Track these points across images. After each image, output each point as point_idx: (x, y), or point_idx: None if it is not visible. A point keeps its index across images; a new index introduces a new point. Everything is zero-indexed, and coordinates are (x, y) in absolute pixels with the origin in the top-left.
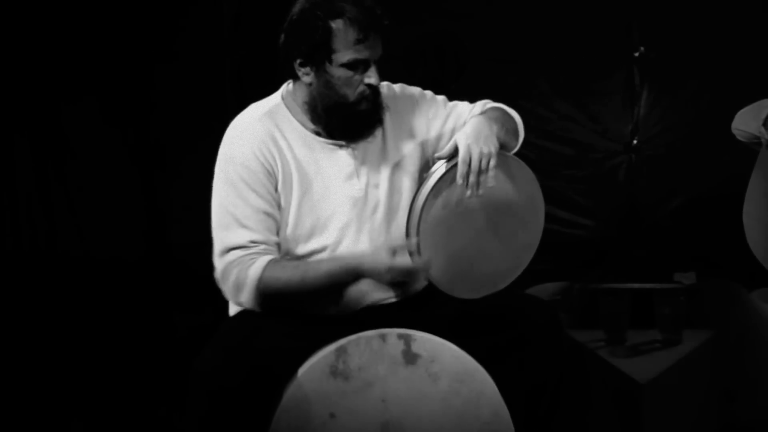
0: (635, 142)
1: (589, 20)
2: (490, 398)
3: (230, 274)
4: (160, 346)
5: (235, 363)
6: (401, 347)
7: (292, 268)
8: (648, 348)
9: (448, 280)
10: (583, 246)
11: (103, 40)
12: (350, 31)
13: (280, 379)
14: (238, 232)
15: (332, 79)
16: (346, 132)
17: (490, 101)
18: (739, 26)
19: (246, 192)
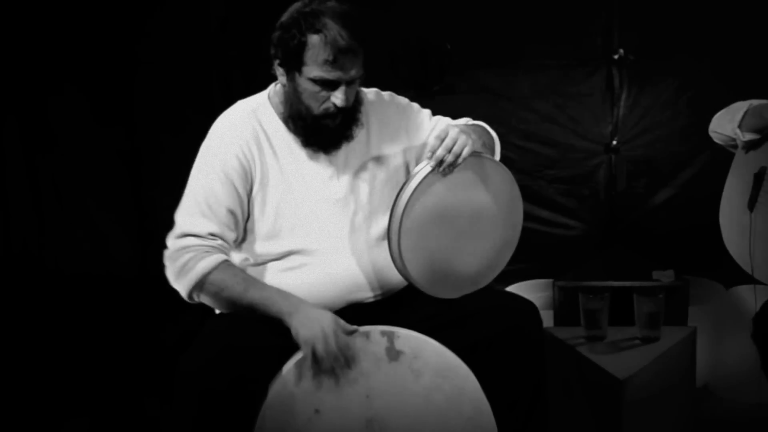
0: (615, 143)
1: (569, 23)
2: (472, 394)
3: (180, 257)
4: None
5: (220, 361)
6: (385, 344)
7: (239, 280)
8: (627, 345)
9: (429, 282)
10: (563, 245)
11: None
12: (322, 50)
13: (265, 377)
14: (200, 221)
15: (299, 87)
16: (309, 140)
17: (471, 119)
18: (717, 29)
19: (218, 186)
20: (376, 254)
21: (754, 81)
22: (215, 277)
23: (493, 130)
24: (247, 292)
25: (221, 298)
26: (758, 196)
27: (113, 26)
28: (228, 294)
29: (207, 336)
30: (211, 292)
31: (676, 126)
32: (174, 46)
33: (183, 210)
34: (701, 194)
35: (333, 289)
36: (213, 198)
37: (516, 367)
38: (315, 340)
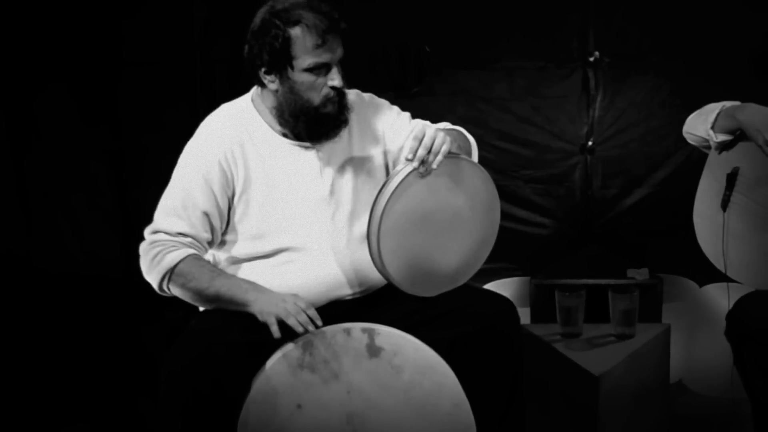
0: (590, 144)
1: (545, 26)
2: (451, 390)
3: (151, 251)
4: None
5: (205, 358)
6: (365, 341)
7: (206, 272)
8: (603, 341)
9: (408, 280)
10: (540, 243)
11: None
12: (309, 37)
13: (248, 373)
14: (173, 220)
15: (296, 84)
16: (313, 134)
17: (449, 123)
18: (690, 32)
19: (196, 189)
20: (358, 253)
21: (726, 83)
22: (182, 268)
23: (469, 133)
24: (213, 282)
25: (188, 289)
26: (731, 196)
27: (99, 28)
28: (195, 284)
29: (191, 333)
30: (178, 283)
31: (650, 127)
32: (158, 47)
33: (160, 207)
34: (675, 194)
35: (315, 287)
36: (190, 201)
37: (494, 363)
38: (276, 308)
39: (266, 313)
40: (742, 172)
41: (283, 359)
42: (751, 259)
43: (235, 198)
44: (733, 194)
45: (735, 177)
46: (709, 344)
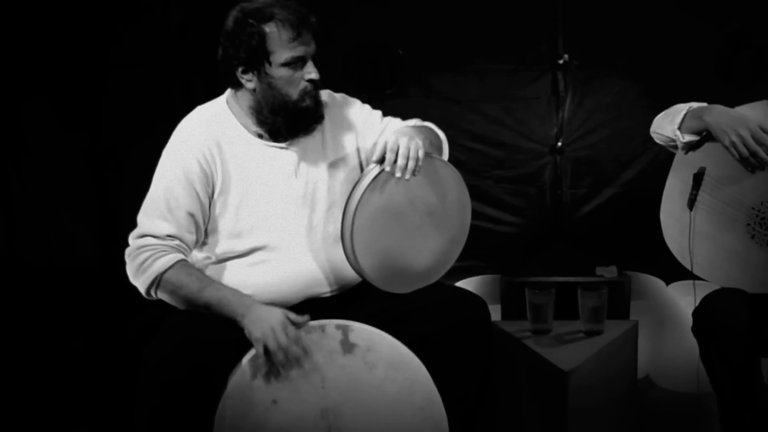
0: (560, 144)
1: (516, 30)
2: (423, 385)
3: (139, 256)
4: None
5: (182, 353)
6: (339, 337)
7: (195, 280)
8: (572, 338)
9: (382, 278)
10: (510, 242)
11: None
12: (283, 31)
13: (225, 368)
14: (159, 223)
15: (274, 80)
16: (291, 129)
17: (419, 120)
18: (657, 36)
19: (178, 190)
20: (333, 251)
21: (692, 85)
22: (171, 275)
23: (441, 131)
24: (202, 292)
25: (177, 296)
26: (697, 196)
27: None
28: (184, 293)
29: (169, 328)
30: (167, 289)
31: (618, 128)
32: (136, 52)
33: (144, 211)
34: (642, 193)
35: (291, 285)
36: (174, 201)
37: (465, 359)
38: (266, 337)
39: (255, 339)
40: (708, 171)
41: (255, 359)
42: (716, 257)
43: (214, 197)
44: (700, 194)
45: (701, 177)
46: (675, 340)
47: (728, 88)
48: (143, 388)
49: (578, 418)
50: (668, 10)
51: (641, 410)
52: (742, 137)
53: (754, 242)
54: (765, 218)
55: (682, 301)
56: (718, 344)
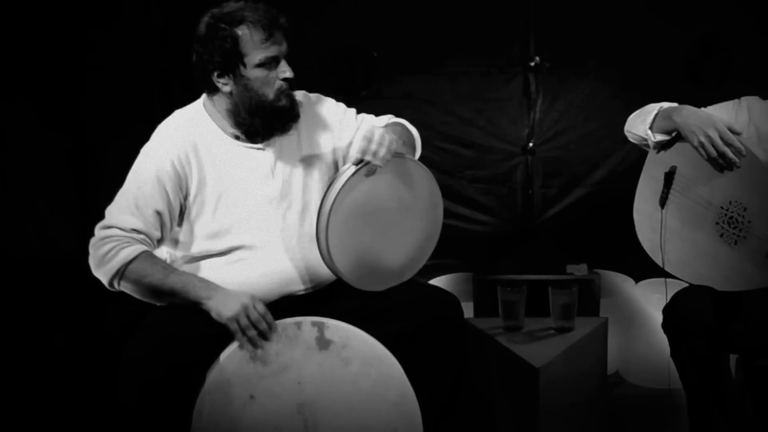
0: (531, 145)
1: (488, 33)
2: (398, 381)
3: (103, 246)
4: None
5: (161, 350)
6: (315, 334)
7: (159, 268)
8: (543, 334)
9: (356, 276)
10: (483, 240)
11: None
12: (255, 33)
13: (203, 364)
14: (126, 217)
15: (249, 82)
16: (269, 129)
17: (393, 116)
18: (627, 38)
19: (149, 188)
20: (308, 250)
21: (662, 87)
22: (136, 265)
23: (415, 129)
24: (167, 278)
25: (142, 285)
26: (669, 194)
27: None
28: (149, 281)
29: (149, 326)
30: (131, 279)
31: (588, 129)
32: (117, 55)
33: (114, 205)
34: (612, 193)
35: (268, 283)
36: (143, 199)
37: (439, 355)
38: (237, 314)
39: (226, 319)
40: (680, 170)
41: (236, 351)
42: (686, 255)
43: (189, 198)
44: (671, 192)
45: (672, 176)
46: (643, 337)
47: (697, 89)
48: (124, 385)
49: (549, 413)
50: (638, 13)
51: (611, 405)
52: (710, 138)
53: (722, 241)
54: (733, 217)
55: (651, 298)
56: (687, 340)
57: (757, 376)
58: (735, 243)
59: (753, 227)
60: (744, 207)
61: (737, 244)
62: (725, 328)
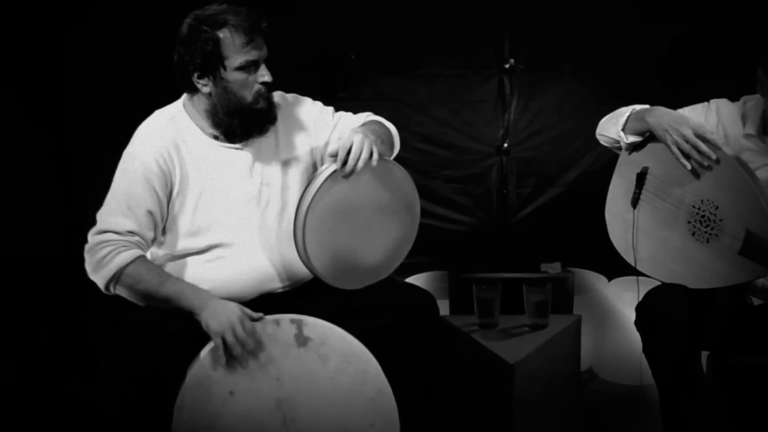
0: (506, 146)
1: (464, 35)
2: (375, 377)
3: (100, 250)
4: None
5: (143, 347)
6: (293, 331)
7: (154, 275)
8: (518, 331)
9: (333, 274)
10: (458, 239)
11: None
12: (236, 36)
13: (184, 361)
14: (120, 220)
15: (229, 84)
16: (247, 131)
17: (371, 114)
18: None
19: (138, 188)
20: (286, 248)
21: (634, 89)
22: (132, 270)
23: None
24: (162, 286)
25: (136, 290)
26: (641, 195)
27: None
28: (144, 287)
29: (130, 324)
30: (126, 284)
31: (561, 130)
32: (99, 56)
33: (105, 210)
34: (585, 193)
35: (247, 281)
36: (133, 200)
37: (415, 351)
38: (224, 330)
39: (214, 332)
40: (651, 171)
41: (216, 348)
42: (658, 253)
43: (173, 196)
44: (643, 192)
45: (644, 176)
46: (616, 334)
47: (669, 91)
48: (106, 381)
49: (523, 409)
50: (611, 16)
51: (584, 401)
52: (684, 135)
53: (694, 239)
54: (705, 216)
55: (624, 296)
56: (659, 338)
57: (728, 373)
58: (707, 241)
59: (725, 225)
60: (716, 205)
61: (709, 242)
62: (697, 325)
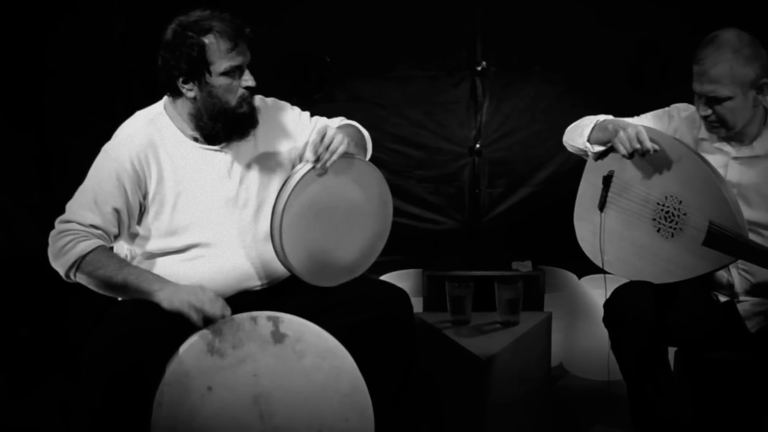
0: (478, 146)
1: (437, 38)
2: (349, 373)
3: (62, 239)
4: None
5: (123, 344)
6: (270, 328)
7: (114, 261)
8: (489, 328)
9: (309, 272)
10: (431, 238)
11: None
12: (221, 42)
13: (163, 357)
14: (86, 213)
15: (214, 89)
16: (229, 134)
17: (345, 119)
18: (571, 43)
19: (110, 186)
20: (263, 247)
21: (604, 91)
22: (92, 257)
23: (366, 130)
24: (121, 271)
25: (96, 276)
26: (608, 197)
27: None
28: (103, 272)
29: (111, 320)
30: (86, 271)
31: (532, 131)
32: (80, 59)
33: (74, 201)
34: (555, 193)
35: (225, 279)
36: (102, 196)
37: (389, 348)
38: (190, 297)
39: (178, 302)
40: (617, 174)
41: (195, 345)
42: (624, 252)
43: (149, 197)
44: (609, 195)
45: (610, 179)
46: (586, 331)
47: (637, 93)
48: (87, 377)
49: (495, 404)
50: (581, 19)
51: (554, 396)
52: (627, 131)
53: (659, 235)
54: (669, 212)
55: (593, 293)
56: (626, 334)
57: (695, 368)
58: (672, 236)
59: (689, 218)
60: (679, 200)
61: (674, 236)
62: (663, 322)
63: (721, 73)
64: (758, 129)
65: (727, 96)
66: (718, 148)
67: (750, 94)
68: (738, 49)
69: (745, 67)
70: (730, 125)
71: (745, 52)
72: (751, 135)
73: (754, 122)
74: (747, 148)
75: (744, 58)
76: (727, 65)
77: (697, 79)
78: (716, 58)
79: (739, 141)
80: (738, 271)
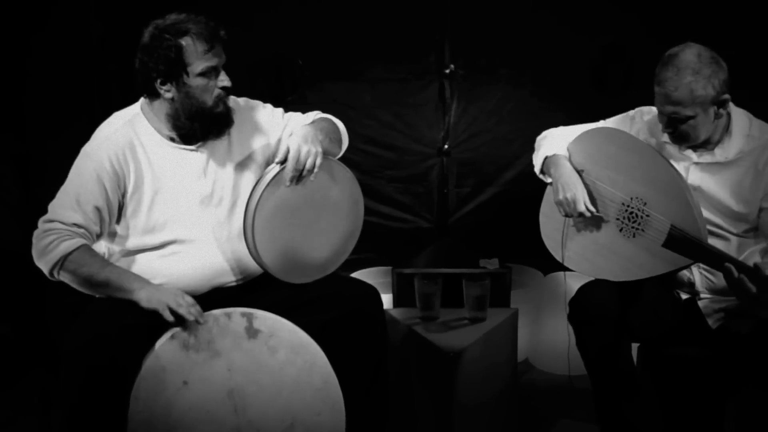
0: (446, 147)
1: (406, 42)
2: (321, 368)
3: (45, 238)
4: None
5: (101, 339)
6: (244, 324)
7: (97, 260)
8: (457, 324)
9: (282, 269)
10: (401, 236)
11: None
12: (198, 44)
13: (140, 352)
14: (68, 212)
15: (191, 89)
16: (206, 133)
17: (320, 112)
18: (537, 47)
19: (90, 185)
20: (237, 245)
21: (569, 93)
22: (75, 256)
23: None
24: (103, 269)
25: (79, 274)
26: None
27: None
28: (86, 270)
29: (89, 316)
30: (70, 269)
31: (499, 132)
32: (58, 61)
33: (56, 201)
34: (521, 192)
35: (200, 275)
36: (83, 196)
37: (360, 343)
38: (167, 299)
39: (156, 301)
40: (587, 172)
41: (170, 340)
42: (586, 250)
43: (127, 196)
44: None
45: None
46: (551, 327)
47: (602, 96)
48: (66, 372)
49: (463, 398)
50: (546, 23)
51: (521, 390)
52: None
53: (621, 235)
54: (633, 212)
55: (558, 290)
56: (591, 331)
57: (657, 364)
58: (633, 236)
59: (651, 220)
60: (644, 201)
61: (635, 236)
62: (627, 319)
63: (682, 96)
64: (720, 136)
65: (689, 116)
66: (681, 153)
67: (711, 109)
68: (698, 71)
69: (706, 88)
70: (692, 139)
71: (704, 72)
72: (713, 141)
73: (716, 131)
74: (709, 154)
75: (704, 78)
76: (687, 89)
77: (659, 100)
78: (677, 81)
79: (702, 146)
80: (699, 270)
